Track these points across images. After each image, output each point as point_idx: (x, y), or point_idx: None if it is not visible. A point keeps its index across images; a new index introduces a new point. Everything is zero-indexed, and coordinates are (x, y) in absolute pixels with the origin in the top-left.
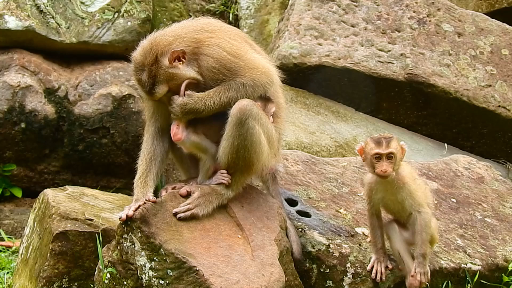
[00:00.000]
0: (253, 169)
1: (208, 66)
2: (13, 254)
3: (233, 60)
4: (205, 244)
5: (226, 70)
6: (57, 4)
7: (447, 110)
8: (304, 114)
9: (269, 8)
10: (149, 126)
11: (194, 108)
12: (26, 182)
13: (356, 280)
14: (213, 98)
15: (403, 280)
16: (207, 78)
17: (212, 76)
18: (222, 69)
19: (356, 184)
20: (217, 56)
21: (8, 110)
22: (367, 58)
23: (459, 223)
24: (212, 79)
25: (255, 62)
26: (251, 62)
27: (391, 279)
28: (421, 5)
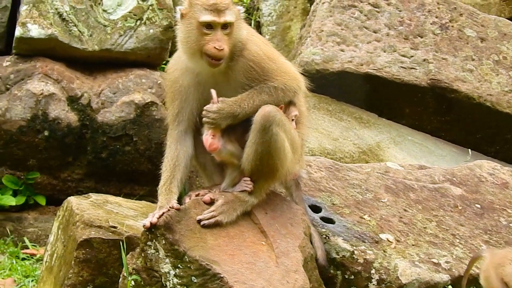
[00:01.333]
0: (277, 175)
1: (246, 61)
2: (38, 262)
3: (268, 62)
4: (229, 251)
5: (260, 70)
6: (80, 12)
7: (471, 116)
8: (327, 120)
9: (291, 14)
10: (172, 130)
11: (231, 111)
12: (49, 190)
13: (381, 286)
14: (247, 100)
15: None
16: (238, 78)
17: (245, 74)
18: (257, 68)
19: (380, 190)
20: (256, 54)
21: (31, 118)
22: (390, 63)
23: (484, 229)
24: (245, 77)
25: (287, 67)
26: (283, 67)
27: (416, 285)
28: (443, 10)
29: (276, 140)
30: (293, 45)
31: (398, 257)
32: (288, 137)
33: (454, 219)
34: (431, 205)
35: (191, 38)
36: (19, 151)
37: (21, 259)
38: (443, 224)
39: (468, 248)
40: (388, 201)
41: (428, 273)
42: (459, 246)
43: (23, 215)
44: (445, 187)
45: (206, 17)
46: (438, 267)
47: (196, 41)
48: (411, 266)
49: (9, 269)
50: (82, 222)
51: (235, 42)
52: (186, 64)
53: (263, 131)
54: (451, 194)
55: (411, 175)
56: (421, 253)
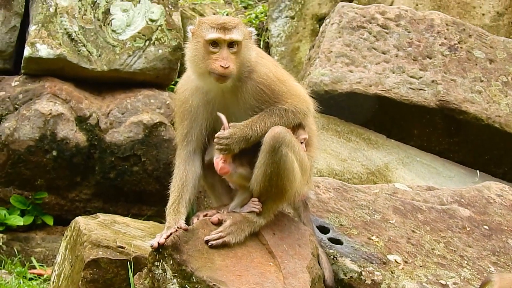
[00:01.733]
0: (285, 196)
1: (255, 84)
2: (45, 282)
3: (278, 84)
4: (237, 271)
5: (271, 92)
6: (89, 32)
7: (479, 137)
8: (336, 141)
9: (300, 35)
10: (180, 150)
11: (243, 135)
12: (57, 210)
13: None
14: (258, 123)
15: None
16: (247, 100)
17: (255, 96)
18: (267, 91)
19: (388, 211)
20: (266, 76)
21: (39, 138)
22: (398, 85)
23: (492, 250)
24: (255, 99)
25: (297, 89)
26: (293, 89)
27: None
28: (452, 32)
29: (285, 161)
30: (302, 66)
31: (406, 278)
32: (297, 158)
33: (462, 241)
34: (439, 226)
35: (198, 56)
36: (27, 171)
37: (29, 279)
38: (451, 245)
39: (476, 269)
40: (396, 222)
41: None
42: (467, 267)
43: (31, 235)
44: (453, 208)
45: (212, 35)
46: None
47: (203, 59)
48: (419, 287)
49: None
50: (90, 242)
51: (243, 62)
52: (196, 84)
53: (272, 152)
54: (459, 216)
55: (419, 196)
56: (429, 274)
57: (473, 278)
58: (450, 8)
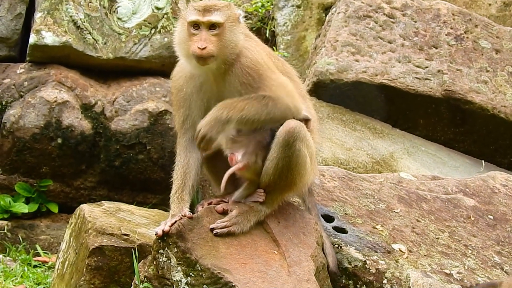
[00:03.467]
0: (294, 189)
1: (242, 67)
2: (49, 269)
3: (266, 70)
4: (241, 259)
5: (257, 76)
6: (94, 20)
7: (485, 127)
8: (341, 130)
9: (306, 24)
10: (180, 138)
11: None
12: (62, 198)
13: None
14: (231, 104)
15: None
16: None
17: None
18: (254, 74)
19: (393, 200)
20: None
21: (44, 126)
22: (404, 74)
23: (496, 240)
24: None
25: (284, 81)
26: (281, 80)
27: None
28: (458, 21)
29: (298, 155)
30: (307, 55)
31: (410, 267)
32: (310, 152)
33: (467, 230)
34: (443, 216)
35: (182, 39)
36: (32, 158)
37: (33, 267)
38: (455, 234)
39: (480, 259)
40: (401, 212)
41: (440, 283)
42: (471, 257)
43: (36, 222)
44: (458, 198)
45: (192, 16)
46: (450, 277)
47: (185, 41)
48: (423, 276)
49: (20, 276)
50: (94, 229)
51: (226, 44)
52: (189, 71)
53: (286, 146)
54: (464, 205)
55: (424, 185)
56: (433, 263)
57: (477, 268)
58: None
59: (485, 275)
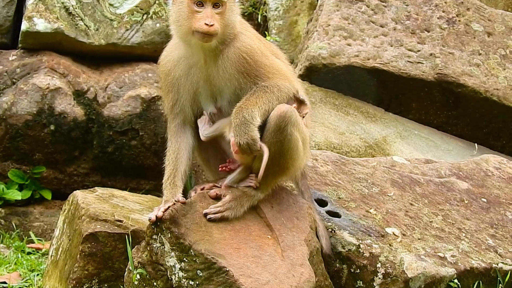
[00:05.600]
0: (287, 173)
1: (238, 52)
2: (43, 256)
3: (261, 56)
4: (235, 244)
5: (254, 63)
6: (86, 6)
7: (477, 110)
8: (334, 114)
9: (297, 9)
10: (170, 123)
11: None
12: (55, 184)
13: (386, 280)
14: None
15: (434, 280)
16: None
17: (236, 66)
18: (250, 60)
19: (386, 184)
20: (249, 46)
21: (37, 113)
22: (397, 58)
23: (490, 223)
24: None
25: (279, 65)
26: (276, 65)
27: (422, 279)
28: (450, 5)
29: (290, 140)
30: (300, 40)
31: (404, 251)
32: (302, 136)
33: (460, 213)
34: (437, 199)
35: (183, 16)
36: (25, 145)
37: (27, 253)
38: (449, 218)
39: (474, 242)
40: (394, 195)
41: (434, 267)
42: (465, 240)
43: (29, 209)
44: (451, 181)
45: None
46: (444, 261)
47: (187, 19)
48: (417, 260)
49: (14, 263)
50: (88, 216)
51: (227, 23)
52: (177, 54)
53: (278, 131)
54: (457, 188)
55: (417, 169)
56: (427, 247)
57: (471, 251)
58: None
59: (479, 258)
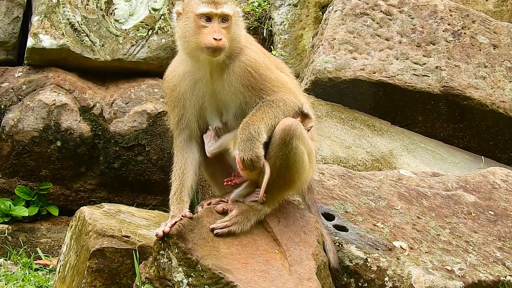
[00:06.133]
0: (293, 186)
1: (243, 66)
2: (51, 272)
3: (266, 70)
4: (242, 259)
5: (258, 76)
6: (91, 22)
7: (484, 123)
8: (340, 128)
9: (303, 23)
10: (176, 138)
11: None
12: (62, 201)
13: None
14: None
15: None
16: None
17: (242, 80)
18: (256, 74)
19: (393, 197)
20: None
21: (43, 129)
22: (402, 71)
23: (497, 235)
24: (241, 82)
25: (284, 79)
26: (281, 79)
27: None
28: (455, 17)
29: (296, 153)
30: (305, 54)
31: (412, 265)
32: (307, 149)
33: (468, 226)
34: (444, 212)
35: (190, 32)
36: (32, 161)
37: (34, 270)
38: (456, 231)
39: (482, 255)
40: (401, 209)
41: (442, 280)
42: (473, 253)
43: (36, 225)
44: (459, 194)
45: (204, 8)
46: (452, 274)
47: (194, 34)
48: (424, 273)
49: (22, 279)
50: (95, 232)
51: (233, 37)
52: (183, 69)
53: (283, 144)
54: (465, 201)
55: (424, 182)
56: (434, 260)
57: (479, 264)
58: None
59: (487, 271)
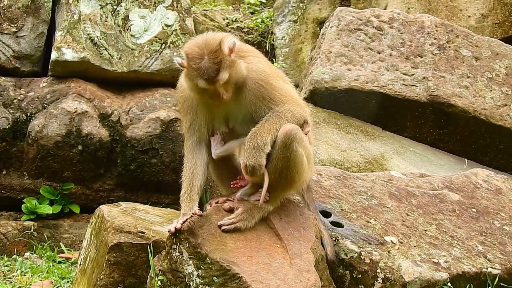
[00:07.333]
0: (293, 186)
1: (253, 81)
2: (72, 264)
3: (274, 80)
4: (247, 253)
5: (269, 86)
6: (110, 37)
7: (467, 128)
8: (336, 133)
9: (302, 37)
10: (187, 140)
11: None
12: (83, 199)
13: (385, 284)
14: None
15: (429, 284)
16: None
17: (254, 92)
18: (266, 85)
19: (384, 196)
20: (263, 72)
21: (66, 134)
22: (393, 81)
23: (479, 231)
24: (254, 94)
25: (291, 92)
26: (288, 90)
27: (418, 283)
28: (441, 32)
29: (296, 155)
30: (304, 66)
31: (402, 258)
32: (306, 152)
33: (452, 222)
34: (431, 210)
35: (194, 90)
36: (55, 164)
37: (58, 263)
38: (442, 227)
39: (465, 248)
40: (392, 207)
41: (429, 271)
42: (457, 247)
43: (59, 222)
44: (444, 193)
45: (201, 83)
46: (438, 266)
47: (199, 93)
48: (413, 265)
49: (46, 271)
50: (113, 228)
51: (236, 80)
52: None
53: (284, 147)
54: (449, 200)
55: (412, 182)
56: (422, 253)
57: (462, 257)
58: (439, 11)
59: (470, 263)
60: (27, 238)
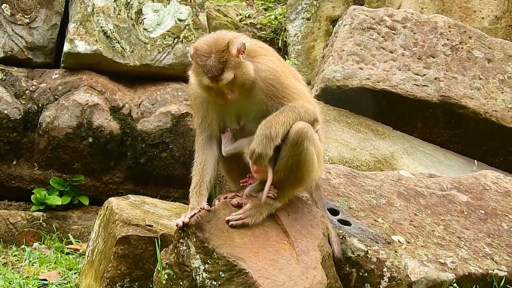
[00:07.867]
0: (303, 184)
1: (263, 80)
2: (80, 256)
3: (285, 78)
4: (254, 249)
5: (279, 85)
6: (122, 30)
7: (477, 130)
8: (346, 132)
9: (315, 35)
10: (198, 136)
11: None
12: (92, 192)
13: (392, 283)
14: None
15: (435, 284)
16: (258, 95)
17: (265, 91)
18: (276, 84)
19: (393, 196)
20: (273, 71)
21: (77, 126)
22: (404, 81)
23: (487, 232)
24: (264, 94)
25: (302, 89)
26: (299, 88)
27: (424, 283)
28: (454, 33)
29: (306, 154)
30: (316, 63)
31: (408, 257)
32: (316, 150)
33: (460, 223)
34: (439, 210)
35: (201, 87)
36: (66, 155)
37: (66, 254)
38: (449, 227)
39: (472, 250)
40: (400, 206)
41: (435, 272)
42: (464, 248)
43: (68, 213)
44: (452, 194)
45: (205, 80)
46: (445, 266)
47: (206, 90)
48: (419, 265)
49: (54, 262)
50: (121, 220)
51: (242, 81)
52: None
53: (295, 145)
54: (458, 201)
55: (421, 182)
56: (429, 253)
57: (469, 258)
58: (453, 12)
59: (476, 264)
60: (36, 228)
